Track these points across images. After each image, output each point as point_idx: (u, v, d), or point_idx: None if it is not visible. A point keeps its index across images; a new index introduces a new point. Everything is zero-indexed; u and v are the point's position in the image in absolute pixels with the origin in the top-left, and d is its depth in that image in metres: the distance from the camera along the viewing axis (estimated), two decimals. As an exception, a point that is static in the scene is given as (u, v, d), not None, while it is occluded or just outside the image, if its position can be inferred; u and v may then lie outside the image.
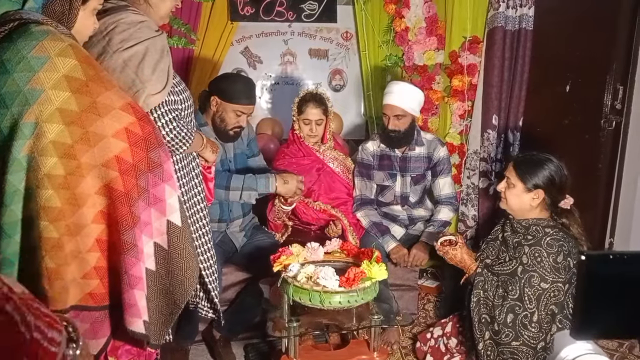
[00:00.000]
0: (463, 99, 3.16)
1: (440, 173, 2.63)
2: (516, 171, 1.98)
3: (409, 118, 2.52)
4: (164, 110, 1.59)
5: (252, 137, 2.52)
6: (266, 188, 2.30)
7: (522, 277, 1.89)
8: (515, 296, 1.88)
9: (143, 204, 1.28)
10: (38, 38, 1.19)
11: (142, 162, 1.27)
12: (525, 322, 1.86)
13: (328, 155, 2.60)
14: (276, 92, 3.40)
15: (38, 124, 1.17)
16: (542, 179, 1.93)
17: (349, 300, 1.73)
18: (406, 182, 2.64)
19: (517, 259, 1.93)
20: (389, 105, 2.51)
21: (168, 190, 1.33)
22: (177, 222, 1.36)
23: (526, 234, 1.95)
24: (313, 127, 2.51)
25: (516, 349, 1.87)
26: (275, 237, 2.53)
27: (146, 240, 1.29)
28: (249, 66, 3.35)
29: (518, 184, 1.96)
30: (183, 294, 1.39)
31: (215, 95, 2.20)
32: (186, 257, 1.38)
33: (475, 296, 1.94)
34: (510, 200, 2.00)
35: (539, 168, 1.94)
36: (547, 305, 1.86)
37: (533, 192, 1.94)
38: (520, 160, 2.01)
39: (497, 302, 1.91)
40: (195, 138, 1.76)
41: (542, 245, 1.89)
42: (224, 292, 2.36)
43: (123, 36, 1.51)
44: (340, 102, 3.40)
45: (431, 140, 2.65)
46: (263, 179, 2.30)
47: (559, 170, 1.95)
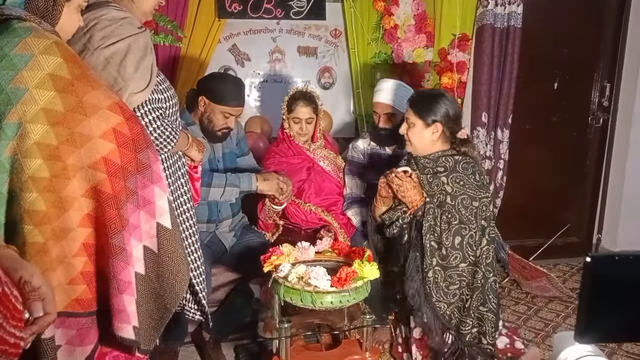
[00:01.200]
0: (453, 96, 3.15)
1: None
2: (413, 110, 2.07)
3: (399, 116, 2.51)
4: (147, 109, 1.57)
5: (241, 135, 2.49)
6: (248, 185, 2.29)
7: (454, 203, 1.98)
8: (457, 220, 1.97)
9: (132, 207, 1.25)
10: (21, 35, 1.16)
11: (130, 163, 1.24)
12: (471, 242, 1.97)
13: (318, 154, 2.59)
14: (265, 90, 3.37)
15: (22, 125, 1.13)
16: (438, 112, 2.03)
17: (341, 300, 1.72)
18: (396, 179, 2.63)
19: (440, 192, 2.02)
20: (379, 103, 2.50)
21: (157, 192, 1.31)
22: (167, 225, 1.34)
23: (436, 167, 2.06)
24: (303, 126, 2.49)
25: (463, 270, 1.98)
26: (266, 237, 2.51)
27: (135, 244, 1.27)
28: (237, 64, 3.31)
29: (417, 122, 2.05)
30: (174, 298, 1.37)
31: (203, 95, 2.16)
32: (177, 260, 1.36)
33: (427, 222, 2.00)
34: (413, 139, 2.08)
35: (434, 103, 2.04)
36: (478, 222, 1.97)
37: (432, 126, 2.04)
38: (416, 100, 2.10)
39: (444, 227, 1.98)
40: (181, 137, 1.73)
41: (458, 171, 2.01)
42: (214, 293, 2.34)
43: (104, 33, 1.48)
44: (330, 100, 3.37)
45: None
46: (245, 177, 2.29)
47: (452, 102, 2.07)
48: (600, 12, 3.33)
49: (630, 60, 3.29)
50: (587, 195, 3.59)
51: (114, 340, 1.26)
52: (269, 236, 2.52)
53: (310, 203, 2.53)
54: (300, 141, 2.54)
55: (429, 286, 1.97)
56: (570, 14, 3.25)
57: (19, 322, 0.85)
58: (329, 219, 2.52)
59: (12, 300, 0.84)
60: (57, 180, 1.16)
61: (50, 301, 0.93)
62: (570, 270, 3.38)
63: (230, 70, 3.29)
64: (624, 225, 3.45)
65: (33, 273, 0.93)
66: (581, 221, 3.59)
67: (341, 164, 2.67)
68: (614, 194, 3.49)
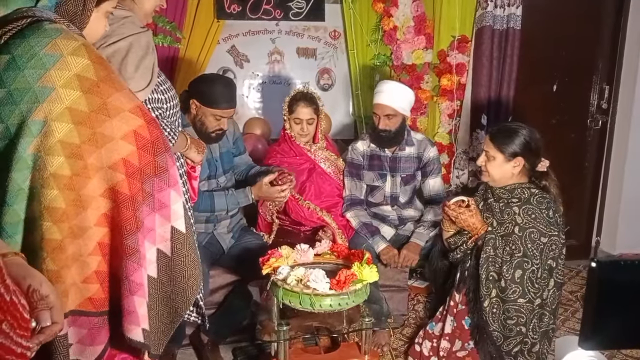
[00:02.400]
0: (452, 98, 3.16)
1: (430, 173, 2.62)
2: (494, 143, 2.06)
3: (400, 118, 2.51)
4: (147, 109, 1.55)
5: (237, 135, 2.50)
6: (246, 200, 2.36)
7: (521, 235, 1.97)
8: (521, 253, 1.95)
9: (147, 209, 1.27)
10: (51, 35, 1.18)
11: (148, 166, 1.26)
12: (532, 278, 1.94)
13: (319, 156, 2.59)
14: (264, 91, 3.37)
15: (47, 122, 1.15)
16: (519, 146, 2.02)
17: (340, 302, 1.71)
18: (396, 182, 2.63)
19: (509, 221, 2.01)
20: (379, 104, 2.50)
21: (173, 195, 1.32)
22: (181, 229, 1.35)
23: (511, 197, 2.05)
24: (304, 126, 2.50)
25: (522, 307, 1.95)
26: (264, 239, 2.51)
27: (149, 246, 1.28)
28: (236, 65, 3.30)
29: (498, 155, 2.04)
30: (185, 303, 1.38)
31: (194, 98, 2.15)
32: (189, 265, 1.36)
33: (485, 253, 1.99)
34: (492, 172, 2.08)
35: (514, 136, 2.03)
36: (545, 260, 1.95)
37: (513, 160, 2.03)
38: (496, 133, 2.09)
39: (505, 258, 1.97)
40: (179, 138, 1.73)
41: (531, 203, 2.00)
42: (212, 295, 2.33)
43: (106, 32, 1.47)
44: (329, 101, 3.37)
45: (421, 140, 2.64)
46: (242, 195, 2.35)
47: (532, 134, 2.05)
48: (599, 14, 3.33)
49: (629, 62, 3.29)
50: (586, 198, 3.59)
51: (123, 342, 1.26)
52: (267, 238, 2.52)
53: (310, 202, 2.53)
54: (302, 142, 2.54)
55: (486, 315, 1.97)
56: (569, 16, 3.25)
57: (26, 331, 0.85)
58: (328, 219, 2.52)
59: (20, 309, 0.84)
60: (77, 179, 1.17)
61: (58, 310, 0.93)
62: (569, 273, 3.38)
63: (229, 71, 3.28)
64: (623, 228, 3.45)
65: (41, 281, 0.93)
66: (580, 224, 3.59)
67: (342, 166, 2.67)
68: (613, 196, 3.49)
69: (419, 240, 2.52)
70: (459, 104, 3.18)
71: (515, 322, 1.95)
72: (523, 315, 1.95)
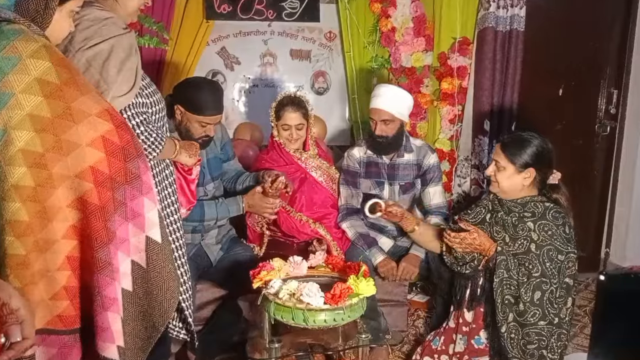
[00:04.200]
0: (453, 102, 3.17)
1: (430, 181, 2.63)
2: (504, 153, 2.06)
3: (397, 123, 2.52)
4: (131, 114, 1.58)
5: (226, 140, 2.50)
6: (237, 210, 2.36)
7: (539, 253, 1.96)
8: (539, 273, 1.94)
9: (119, 219, 1.26)
10: (9, 37, 1.17)
11: (119, 173, 1.26)
12: (551, 299, 1.93)
13: (311, 164, 2.59)
14: (255, 95, 3.37)
15: (6, 131, 1.14)
16: (532, 157, 2.03)
17: (335, 318, 1.71)
18: (394, 190, 2.64)
19: (524, 238, 2.00)
20: (376, 109, 2.51)
21: (147, 203, 1.32)
22: (156, 239, 1.34)
23: (523, 211, 2.05)
24: (293, 132, 2.50)
25: (542, 329, 1.93)
26: (255, 250, 2.50)
27: (122, 258, 1.28)
28: (226, 68, 3.31)
29: (509, 166, 2.05)
30: (163, 317, 1.38)
31: (178, 104, 2.15)
32: (166, 277, 1.36)
33: (498, 276, 1.98)
34: (502, 182, 2.07)
35: (527, 146, 2.04)
36: (562, 279, 1.95)
37: (524, 171, 2.04)
38: (507, 142, 2.09)
39: (521, 279, 1.96)
40: (167, 144, 1.72)
41: (547, 219, 1.99)
42: (199, 311, 2.32)
43: (86, 34, 1.48)
44: (324, 106, 3.39)
45: (420, 147, 2.65)
46: (233, 203, 2.35)
47: (545, 145, 2.06)
48: (605, 15, 3.36)
49: (638, 66, 3.31)
50: (594, 207, 3.60)
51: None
52: (257, 250, 2.51)
53: (302, 214, 2.53)
54: (291, 149, 2.54)
55: (504, 341, 1.96)
56: (575, 17, 3.27)
57: None
58: (322, 231, 2.51)
59: None
60: (41, 190, 1.16)
61: (29, 324, 0.92)
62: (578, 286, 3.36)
63: (218, 74, 3.29)
64: (634, 239, 3.45)
65: (11, 294, 0.93)
66: (587, 234, 3.59)
67: (335, 174, 2.67)
68: (622, 205, 3.50)
69: (419, 252, 2.52)
70: (460, 108, 3.20)
71: (537, 346, 1.93)
72: (544, 338, 1.93)
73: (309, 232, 2.53)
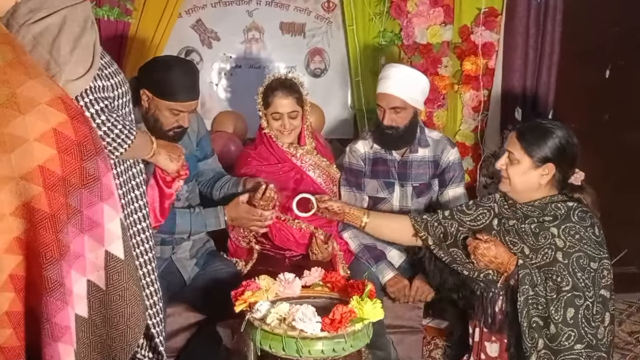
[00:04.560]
0: (477, 86, 3.19)
1: (450, 182, 2.64)
2: (521, 143, 2.06)
3: (410, 111, 2.53)
4: (88, 100, 1.57)
5: (203, 133, 2.50)
6: (217, 222, 2.37)
7: (567, 262, 1.96)
8: (569, 286, 1.94)
9: (74, 230, 1.26)
10: None
11: (74, 174, 1.25)
12: (588, 316, 1.93)
13: (307, 162, 2.59)
14: (238, 77, 3.38)
15: None
16: (552, 150, 2.03)
17: (335, 348, 1.71)
18: (407, 193, 2.65)
19: (548, 247, 2.01)
20: (384, 94, 2.51)
21: (108, 211, 1.33)
22: (118, 254, 1.35)
23: (543, 215, 2.05)
24: (285, 122, 2.50)
25: (580, 355, 1.92)
26: (237, 266, 2.51)
27: (77, 278, 1.27)
28: (203, 44, 3.32)
29: (524, 159, 2.05)
30: (125, 348, 1.38)
31: (145, 88, 2.15)
32: (130, 301, 1.36)
33: (522, 294, 1.98)
34: (514, 179, 2.07)
35: (548, 137, 2.04)
36: (598, 291, 1.95)
37: (542, 167, 2.04)
38: (525, 130, 2.10)
39: (550, 295, 1.96)
40: (138, 139, 1.71)
41: (572, 220, 2.00)
42: (170, 339, 2.32)
43: (32, 5, 1.48)
44: (322, 90, 3.39)
45: (438, 140, 2.66)
46: (212, 218, 2.36)
47: (569, 138, 2.06)
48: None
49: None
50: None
51: None
52: (241, 265, 2.51)
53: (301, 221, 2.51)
54: (284, 143, 2.54)
55: None
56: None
57: None
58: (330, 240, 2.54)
59: None
60: None
61: None
62: (629, 309, 3.39)
63: (193, 52, 3.29)
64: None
65: None
66: (640, 245, 3.60)
67: (335, 174, 2.68)
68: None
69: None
70: (486, 93, 3.21)
71: None
72: None
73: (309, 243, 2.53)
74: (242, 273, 2.46)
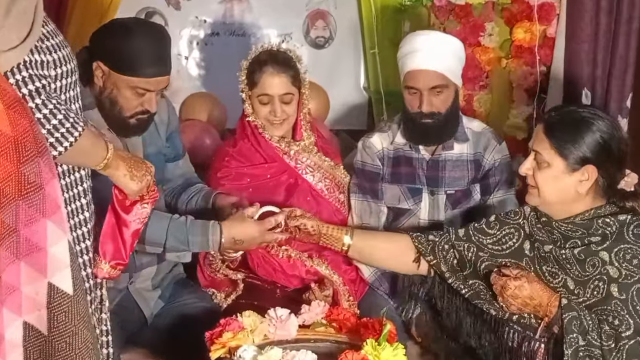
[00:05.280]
0: (532, 61, 3.21)
1: (497, 188, 2.65)
2: (550, 140, 2.02)
3: (452, 90, 2.55)
4: (22, 77, 1.56)
5: (174, 126, 2.51)
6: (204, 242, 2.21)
7: (625, 298, 1.94)
8: (631, 329, 1.92)
9: (7, 255, 1.27)
10: None
11: (8, 181, 1.26)
12: None
13: (305, 162, 2.60)
14: (215, 48, 3.40)
15: None
16: (592, 147, 1.99)
17: (343, 409, 1.72)
18: (438, 202, 2.66)
19: (597, 278, 1.98)
20: (419, 72, 2.51)
21: (52, 231, 1.33)
22: (65, 288, 1.35)
23: (587, 236, 2.02)
24: (276, 109, 2.51)
25: None
26: (215, 299, 2.52)
27: (10, 319, 1.28)
28: (168, 4, 3.34)
29: (555, 161, 2.02)
30: None
31: (99, 60, 2.16)
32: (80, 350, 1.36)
33: (570, 345, 1.95)
34: (545, 188, 2.05)
35: (585, 131, 2.00)
36: None
37: (580, 171, 2.01)
38: (554, 122, 2.06)
39: (607, 345, 1.93)
40: (86, 138, 1.70)
41: (627, 240, 1.97)
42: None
43: None
44: (326, 66, 3.41)
45: (480, 133, 2.68)
46: (198, 236, 2.21)
47: (613, 130, 2.02)
48: None
49: None
50: None
51: None
52: (219, 298, 2.52)
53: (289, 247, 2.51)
54: (274, 136, 2.55)
55: None
56: None
57: None
58: (324, 270, 2.53)
59: None
60: None
61: None
62: None
63: (155, 15, 3.31)
64: None
65: None
66: None
67: (342, 178, 2.69)
68: None
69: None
70: (544, 70, 3.23)
71: None
72: None
73: (303, 275, 2.54)
74: (220, 308, 2.47)
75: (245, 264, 2.53)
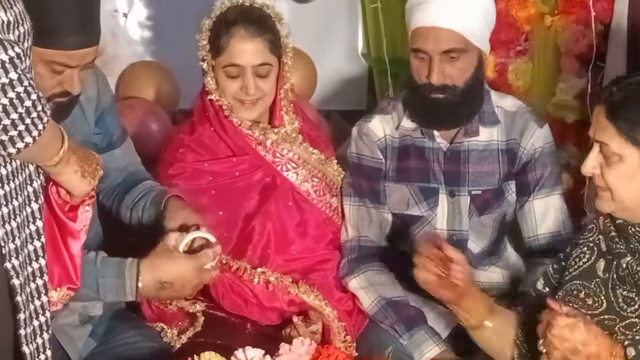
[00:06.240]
0: (587, 18, 3.24)
1: (537, 187, 2.69)
2: (616, 125, 2.01)
3: (474, 56, 2.57)
4: None
5: (105, 104, 2.53)
6: (117, 294, 2.25)
7: None
8: None
9: None
10: None
11: None
12: None
13: (286, 155, 2.64)
14: (163, 2, 3.40)
15: None
16: None
17: None
18: (460, 207, 2.70)
19: None
20: (428, 29, 2.53)
21: None
22: None
23: None
24: (249, 83, 2.55)
25: None
26: (165, 337, 2.55)
27: None
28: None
29: (628, 152, 2.01)
30: None
31: None
32: None
33: None
34: (619, 189, 2.04)
35: None
36: None
37: None
38: (619, 100, 2.04)
39: None
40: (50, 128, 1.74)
41: None
42: None
43: None
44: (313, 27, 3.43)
45: (515, 113, 2.71)
46: (112, 278, 2.23)
47: None
48: None
49: None
50: None
51: None
52: (171, 336, 2.55)
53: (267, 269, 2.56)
54: (245, 120, 2.60)
55: None
56: None
57: None
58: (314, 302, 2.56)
59: None
60: None
61: None
62: None
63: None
64: None
65: None
66: None
67: (335, 176, 2.74)
68: None
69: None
70: (602, 30, 3.27)
71: None
72: None
73: (285, 307, 2.57)
74: (172, 349, 2.49)
75: (206, 292, 2.54)
